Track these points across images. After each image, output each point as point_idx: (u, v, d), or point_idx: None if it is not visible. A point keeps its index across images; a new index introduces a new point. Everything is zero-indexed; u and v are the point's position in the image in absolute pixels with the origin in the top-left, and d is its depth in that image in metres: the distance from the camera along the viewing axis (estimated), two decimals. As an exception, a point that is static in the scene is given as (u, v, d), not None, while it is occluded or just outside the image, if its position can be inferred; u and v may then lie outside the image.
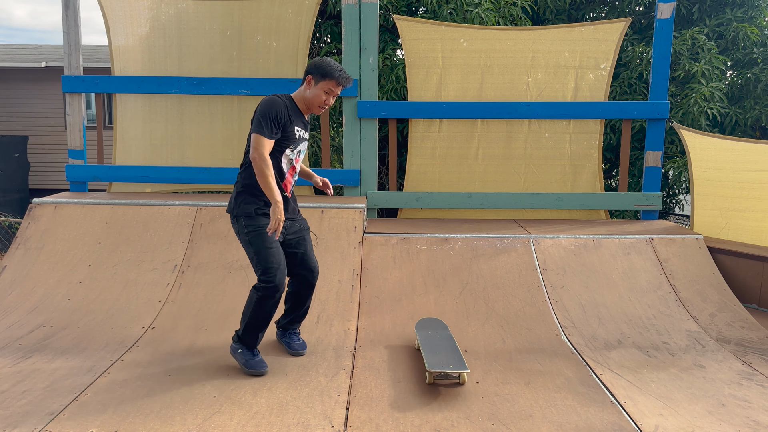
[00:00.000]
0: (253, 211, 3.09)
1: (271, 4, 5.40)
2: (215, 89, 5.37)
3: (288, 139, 3.09)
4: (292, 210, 3.29)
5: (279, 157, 3.11)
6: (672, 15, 5.27)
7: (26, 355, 3.34)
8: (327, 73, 3.03)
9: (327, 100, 3.09)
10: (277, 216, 2.98)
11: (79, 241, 4.43)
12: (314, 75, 3.04)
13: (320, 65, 3.04)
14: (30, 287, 4.08)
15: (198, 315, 3.84)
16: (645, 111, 5.39)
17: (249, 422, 2.66)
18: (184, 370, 3.19)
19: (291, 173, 3.22)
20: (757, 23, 7.07)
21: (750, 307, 4.42)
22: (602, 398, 2.99)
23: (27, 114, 12.87)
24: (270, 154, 3.02)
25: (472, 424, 2.71)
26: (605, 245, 4.54)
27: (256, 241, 3.07)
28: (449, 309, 3.98)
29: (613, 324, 3.89)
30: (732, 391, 3.10)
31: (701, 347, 3.66)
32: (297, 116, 3.12)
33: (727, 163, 5.11)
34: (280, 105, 3.01)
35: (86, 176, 5.46)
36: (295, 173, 3.25)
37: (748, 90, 6.95)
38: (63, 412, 2.71)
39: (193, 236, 4.47)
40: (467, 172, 5.58)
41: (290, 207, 3.26)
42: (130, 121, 5.57)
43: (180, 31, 5.47)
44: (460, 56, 5.46)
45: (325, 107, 3.13)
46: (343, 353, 3.43)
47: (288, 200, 3.23)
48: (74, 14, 5.37)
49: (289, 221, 3.24)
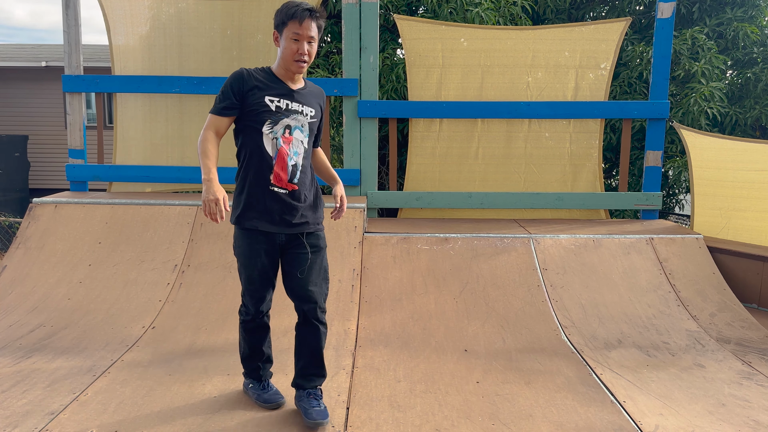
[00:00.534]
0: (235, 219, 2.63)
1: (272, 3, 5.39)
2: (215, 89, 5.36)
3: (258, 112, 2.54)
4: (293, 212, 2.61)
5: (257, 138, 2.55)
6: (672, 14, 5.27)
7: (26, 354, 3.34)
8: (284, 16, 2.53)
9: (299, 48, 2.51)
10: (205, 198, 2.45)
11: (79, 240, 4.43)
12: (276, 27, 2.57)
13: (276, 14, 2.57)
14: (30, 287, 4.08)
15: (198, 315, 3.84)
16: (645, 110, 5.39)
17: (249, 422, 2.66)
18: (184, 370, 3.19)
19: (282, 158, 2.57)
20: (757, 23, 7.07)
21: (750, 306, 4.42)
22: (602, 398, 2.99)
23: (27, 113, 12.87)
24: (245, 136, 2.59)
25: (473, 423, 2.71)
26: (605, 245, 4.54)
27: (237, 256, 2.68)
28: (449, 309, 3.98)
29: (613, 324, 3.89)
30: (732, 391, 3.10)
31: (701, 347, 3.66)
32: (273, 84, 2.59)
33: (727, 162, 5.11)
34: (236, 75, 2.57)
35: (86, 176, 5.46)
36: (290, 158, 2.59)
37: (748, 90, 6.95)
38: (63, 412, 2.71)
39: (193, 236, 4.47)
40: (467, 171, 5.58)
41: (289, 206, 2.60)
42: (130, 120, 5.57)
43: (180, 30, 5.46)
44: (460, 56, 5.46)
45: (302, 59, 2.54)
46: (343, 353, 3.43)
47: (285, 198, 2.59)
48: (74, 13, 5.37)
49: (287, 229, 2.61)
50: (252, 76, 2.58)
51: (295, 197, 2.62)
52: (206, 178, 2.47)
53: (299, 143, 2.63)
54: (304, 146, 2.65)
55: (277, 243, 2.63)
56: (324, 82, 5.35)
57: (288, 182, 2.59)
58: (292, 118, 2.61)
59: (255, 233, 2.60)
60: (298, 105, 2.63)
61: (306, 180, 2.66)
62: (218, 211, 2.43)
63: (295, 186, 2.61)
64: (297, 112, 2.62)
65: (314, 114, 2.69)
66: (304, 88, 2.68)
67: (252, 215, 2.59)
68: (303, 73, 2.67)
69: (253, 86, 2.55)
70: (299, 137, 2.63)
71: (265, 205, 2.58)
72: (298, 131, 2.63)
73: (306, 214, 2.66)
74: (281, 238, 2.63)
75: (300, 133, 2.64)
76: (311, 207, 2.69)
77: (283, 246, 2.65)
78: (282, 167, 2.57)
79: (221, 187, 2.48)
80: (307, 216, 2.66)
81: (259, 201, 2.58)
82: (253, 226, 2.59)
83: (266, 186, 2.57)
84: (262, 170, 2.56)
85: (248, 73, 2.58)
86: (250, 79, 2.56)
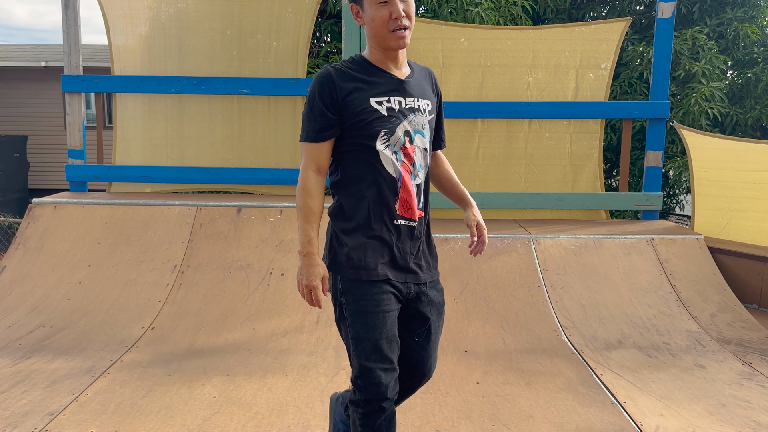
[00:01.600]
0: (351, 268, 1.91)
1: (271, 3, 5.39)
2: (215, 89, 5.36)
3: (366, 123, 1.85)
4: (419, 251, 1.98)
5: (370, 159, 1.88)
6: (673, 14, 5.26)
7: (26, 355, 3.33)
8: None
9: (392, 10, 1.82)
10: (300, 279, 1.90)
11: (78, 241, 4.42)
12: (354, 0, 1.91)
13: None
14: (29, 287, 4.08)
15: (198, 315, 3.83)
16: (646, 111, 5.38)
17: (249, 422, 2.65)
18: (183, 370, 3.18)
19: (407, 179, 1.90)
20: (758, 23, 7.07)
21: (750, 307, 4.41)
22: (603, 399, 2.98)
23: (26, 114, 12.86)
24: (350, 160, 1.90)
25: (473, 424, 2.70)
26: (606, 245, 4.53)
27: (352, 318, 1.91)
28: (449, 309, 3.97)
29: (613, 324, 3.88)
30: (732, 392, 3.09)
31: (702, 347, 3.66)
32: (373, 77, 1.89)
33: (728, 163, 5.10)
34: (323, 78, 1.87)
35: (86, 176, 5.45)
36: (415, 176, 1.92)
37: (748, 90, 6.95)
38: (63, 413, 2.70)
39: (192, 236, 4.46)
40: (467, 171, 5.58)
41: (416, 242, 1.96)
42: (129, 120, 5.56)
43: (180, 30, 5.46)
44: (460, 56, 5.46)
45: (401, 25, 1.83)
46: (343, 353, 3.42)
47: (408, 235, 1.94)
48: (74, 14, 5.36)
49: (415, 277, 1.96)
50: (344, 73, 1.88)
51: (423, 230, 1.98)
52: (303, 251, 1.89)
53: (422, 152, 1.95)
54: (428, 155, 1.98)
55: (404, 297, 1.96)
56: (324, 82, 5.34)
57: (417, 209, 1.94)
58: (409, 120, 1.91)
59: (381, 284, 1.90)
60: (413, 100, 1.93)
61: (428, 203, 2.00)
62: (316, 301, 1.89)
63: (422, 213, 1.96)
64: (414, 110, 1.92)
65: (431, 107, 1.99)
66: (411, 74, 1.97)
67: (376, 260, 1.90)
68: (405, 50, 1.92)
69: (352, 89, 1.87)
70: (421, 144, 1.94)
71: (391, 244, 1.92)
72: (419, 136, 1.93)
73: (425, 252, 2.01)
74: (410, 290, 1.96)
75: (421, 138, 1.94)
76: (428, 243, 2.02)
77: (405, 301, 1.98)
78: (407, 191, 1.90)
79: (322, 264, 1.90)
80: (427, 256, 2.01)
81: (382, 241, 1.91)
82: (380, 276, 1.89)
83: (391, 219, 1.90)
84: (383, 199, 1.89)
85: (338, 72, 1.88)
86: (344, 79, 1.87)
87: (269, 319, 3.77)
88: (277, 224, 4.46)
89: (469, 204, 2.09)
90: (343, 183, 1.94)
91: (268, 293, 3.98)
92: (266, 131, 5.42)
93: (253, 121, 5.41)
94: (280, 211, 4.55)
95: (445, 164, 2.17)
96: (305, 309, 3.83)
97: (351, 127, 1.87)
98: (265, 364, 3.27)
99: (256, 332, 3.65)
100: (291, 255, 4.24)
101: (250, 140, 5.45)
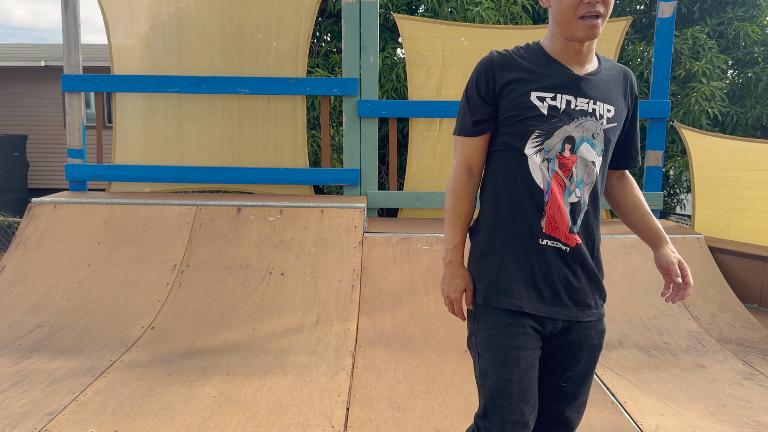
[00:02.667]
0: (484, 289, 1.69)
1: (271, 2, 5.38)
2: (215, 88, 5.35)
3: (519, 120, 1.60)
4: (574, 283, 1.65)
5: (516, 163, 1.63)
6: (673, 14, 5.26)
7: (25, 355, 3.33)
8: None
9: None
10: (444, 289, 1.75)
11: (78, 240, 4.42)
12: None
13: None
14: (29, 287, 4.07)
15: (197, 315, 3.83)
16: (646, 110, 5.38)
17: (249, 422, 2.65)
18: (183, 369, 3.18)
19: (557, 192, 1.60)
20: (758, 22, 7.06)
21: (751, 307, 4.41)
22: (603, 398, 2.98)
23: (26, 113, 12.85)
24: (494, 160, 1.69)
25: (473, 424, 2.70)
26: (606, 245, 4.53)
27: (481, 348, 1.69)
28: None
29: (613, 324, 3.88)
30: (733, 391, 3.09)
31: (702, 347, 3.65)
32: (544, 69, 1.62)
33: (728, 162, 5.10)
34: (484, 64, 1.68)
35: (85, 176, 5.45)
36: (571, 192, 1.62)
37: (749, 89, 6.94)
38: (62, 412, 2.70)
39: (192, 236, 4.46)
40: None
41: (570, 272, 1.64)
42: (129, 120, 5.55)
43: (180, 29, 5.45)
44: (460, 55, 5.45)
45: (593, 14, 1.54)
46: (343, 353, 3.42)
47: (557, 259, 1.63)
48: (74, 13, 5.36)
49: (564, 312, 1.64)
50: (509, 60, 1.65)
51: (579, 257, 1.64)
52: (446, 259, 1.74)
53: (588, 166, 1.63)
54: (596, 170, 1.64)
55: (546, 332, 1.67)
56: (324, 81, 5.34)
57: (569, 232, 1.61)
58: (576, 124, 1.60)
59: (516, 316, 1.63)
60: (588, 102, 1.62)
61: (594, 229, 1.68)
62: (459, 314, 1.75)
63: (578, 239, 1.63)
64: (585, 114, 1.62)
65: (614, 114, 1.66)
66: (597, 70, 1.67)
67: (510, 286, 1.64)
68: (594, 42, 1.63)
69: (512, 78, 1.62)
70: (588, 156, 1.62)
71: (533, 269, 1.63)
72: (586, 146, 1.62)
73: (585, 284, 1.67)
74: (554, 326, 1.66)
75: (590, 148, 1.62)
76: (588, 274, 1.67)
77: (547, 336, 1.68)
78: (556, 207, 1.60)
79: (465, 275, 1.74)
80: (588, 291, 1.68)
81: (522, 263, 1.64)
82: (515, 306, 1.63)
83: (534, 239, 1.62)
84: (525, 213, 1.62)
85: (502, 58, 1.66)
86: (507, 67, 1.64)
87: (269, 318, 3.77)
88: (277, 224, 4.46)
89: (664, 240, 1.74)
90: (484, 189, 1.73)
91: (267, 293, 3.98)
92: (266, 131, 5.42)
93: (253, 120, 5.41)
94: (279, 211, 4.55)
95: (635, 189, 1.82)
96: (305, 309, 3.83)
97: (503, 123, 1.64)
98: (265, 364, 3.27)
99: (255, 332, 3.64)
100: (291, 255, 4.24)
101: (250, 140, 5.44)
